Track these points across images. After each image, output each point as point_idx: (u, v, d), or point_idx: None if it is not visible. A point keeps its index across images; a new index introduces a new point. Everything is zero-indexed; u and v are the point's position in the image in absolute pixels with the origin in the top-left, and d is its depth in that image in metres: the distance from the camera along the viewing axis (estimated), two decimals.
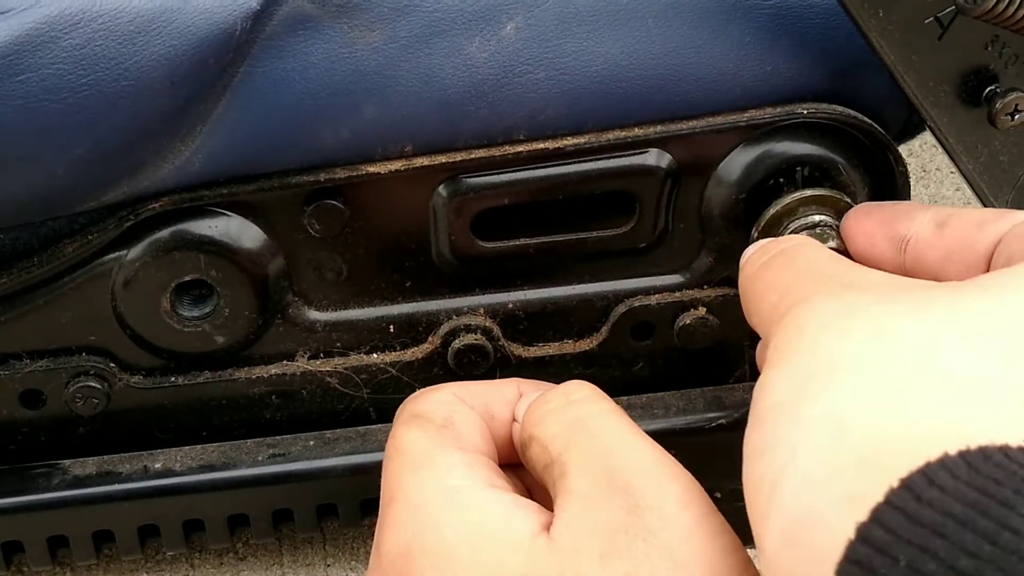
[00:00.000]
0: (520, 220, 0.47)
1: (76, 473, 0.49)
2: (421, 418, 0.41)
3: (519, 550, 0.36)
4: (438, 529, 0.37)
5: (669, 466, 0.37)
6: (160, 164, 0.43)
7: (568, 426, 0.39)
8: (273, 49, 0.42)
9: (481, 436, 0.41)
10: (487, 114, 0.44)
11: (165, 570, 0.54)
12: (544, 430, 0.39)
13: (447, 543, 0.36)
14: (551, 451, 0.38)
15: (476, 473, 0.38)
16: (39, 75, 0.39)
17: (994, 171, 0.44)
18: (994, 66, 0.42)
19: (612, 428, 0.38)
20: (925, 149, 0.77)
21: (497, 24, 0.43)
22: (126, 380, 0.48)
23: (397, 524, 0.38)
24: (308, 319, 0.48)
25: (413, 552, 0.37)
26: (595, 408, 0.39)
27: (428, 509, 0.37)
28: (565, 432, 0.39)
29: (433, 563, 0.36)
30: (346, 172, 0.44)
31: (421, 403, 0.42)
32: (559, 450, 0.38)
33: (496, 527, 0.36)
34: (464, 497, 0.38)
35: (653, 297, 0.49)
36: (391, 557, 0.37)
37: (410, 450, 0.40)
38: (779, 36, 0.44)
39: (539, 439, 0.39)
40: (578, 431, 0.38)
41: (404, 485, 0.39)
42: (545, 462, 0.39)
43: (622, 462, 0.37)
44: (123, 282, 0.45)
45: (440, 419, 0.40)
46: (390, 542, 0.38)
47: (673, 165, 0.45)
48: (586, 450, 0.38)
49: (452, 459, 0.39)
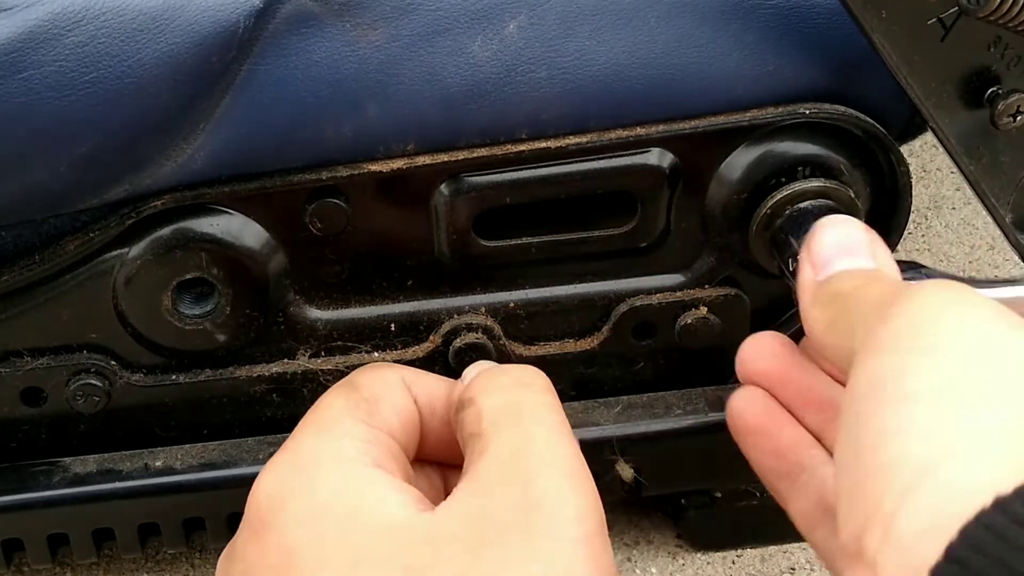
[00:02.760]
0: (522, 219, 0.47)
1: (77, 471, 0.49)
2: (350, 386, 0.41)
3: (392, 530, 0.35)
4: (313, 491, 0.37)
5: (580, 479, 0.36)
6: (162, 162, 0.43)
7: (506, 405, 0.39)
8: (276, 47, 0.42)
9: (401, 423, 0.41)
10: (489, 113, 0.44)
11: (165, 570, 0.54)
12: (485, 399, 0.39)
13: (319, 506, 0.36)
14: (482, 423, 0.38)
15: (368, 450, 0.38)
16: (41, 72, 0.39)
17: (995, 172, 0.44)
18: (996, 67, 0.42)
19: (544, 423, 0.38)
20: (925, 149, 0.77)
21: (499, 23, 0.43)
22: (127, 378, 0.48)
23: (278, 471, 0.38)
24: (309, 317, 0.48)
25: (284, 506, 0.37)
26: (538, 399, 0.39)
27: (311, 469, 0.38)
28: (501, 410, 0.39)
29: (300, 522, 0.36)
30: (348, 170, 0.44)
31: (362, 374, 0.42)
32: (488, 426, 0.38)
33: (374, 503, 0.36)
34: (348, 467, 0.37)
35: (654, 297, 0.49)
36: (262, 499, 0.37)
37: (323, 411, 0.40)
38: (781, 36, 0.44)
39: (477, 406, 0.39)
40: (512, 414, 0.38)
41: (300, 440, 0.39)
42: (473, 431, 0.38)
43: (537, 457, 0.36)
44: (124, 280, 0.45)
45: (367, 393, 0.41)
46: (266, 485, 0.38)
47: (675, 165, 0.45)
48: (511, 435, 0.37)
49: (353, 430, 0.39)
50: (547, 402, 0.39)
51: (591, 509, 0.36)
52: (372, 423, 0.40)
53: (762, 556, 0.54)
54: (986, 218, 0.70)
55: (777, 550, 0.54)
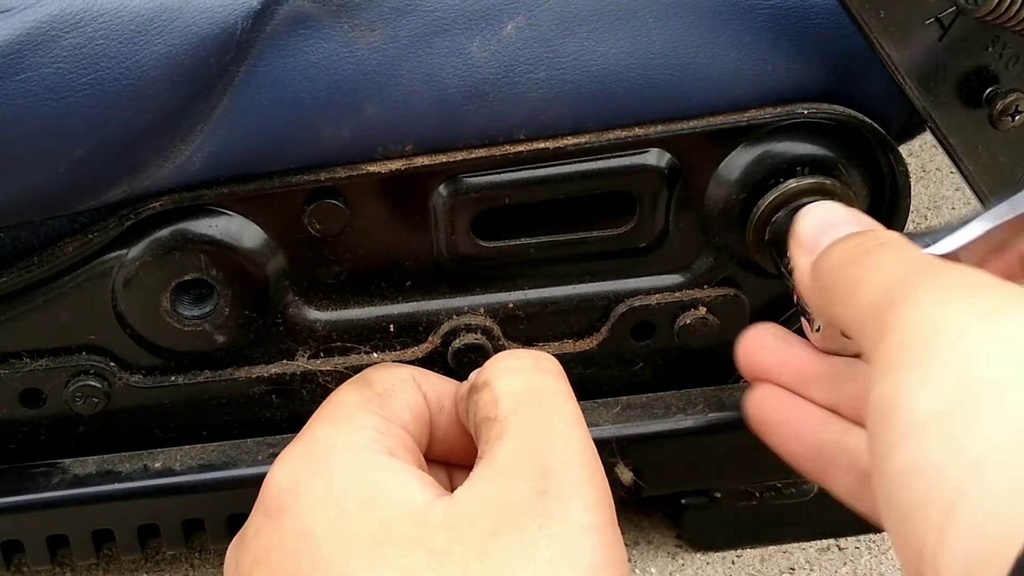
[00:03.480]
0: (520, 220, 0.47)
1: (76, 472, 0.49)
2: (364, 382, 0.42)
3: (411, 513, 0.36)
4: (329, 477, 0.37)
5: (594, 468, 0.37)
6: (161, 163, 0.43)
7: (525, 389, 0.39)
8: (274, 48, 0.42)
9: (413, 417, 0.41)
10: (487, 114, 0.44)
11: (165, 570, 0.54)
12: (503, 383, 0.40)
13: (335, 493, 0.37)
14: (499, 408, 0.39)
15: (382, 440, 0.39)
16: (40, 74, 0.39)
17: (994, 172, 0.44)
18: (995, 67, 0.42)
19: (562, 412, 0.39)
20: (925, 149, 0.77)
21: (498, 24, 0.43)
22: (126, 379, 0.48)
23: (294, 459, 0.39)
24: (308, 318, 0.48)
25: (300, 491, 0.37)
26: (556, 385, 0.40)
27: (326, 457, 0.38)
28: (520, 395, 0.39)
29: (318, 507, 0.37)
30: (346, 171, 0.44)
31: (375, 371, 0.43)
32: (506, 412, 0.39)
33: (389, 489, 0.37)
34: (363, 455, 0.38)
35: (653, 297, 0.49)
36: (277, 486, 0.38)
37: (337, 405, 0.41)
38: (780, 36, 0.44)
39: (494, 389, 0.40)
40: (531, 399, 0.39)
41: (315, 430, 0.40)
42: (488, 415, 0.39)
43: (554, 445, 0.37)
44: (123, 281, 0.45)
45: (380, 388, 0.41)
46: (280, 474, 0.38)
47: (674, 165, 0.45)
48: (530, 421, 0.38)
49: (367, 421, 0.40)
50: (563, 390, 0.40)
51: (603, 499, 0.36)
52: (385, 416, 0.40)
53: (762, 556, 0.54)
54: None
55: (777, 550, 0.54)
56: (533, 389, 0.40)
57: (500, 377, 0.40)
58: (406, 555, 0.35)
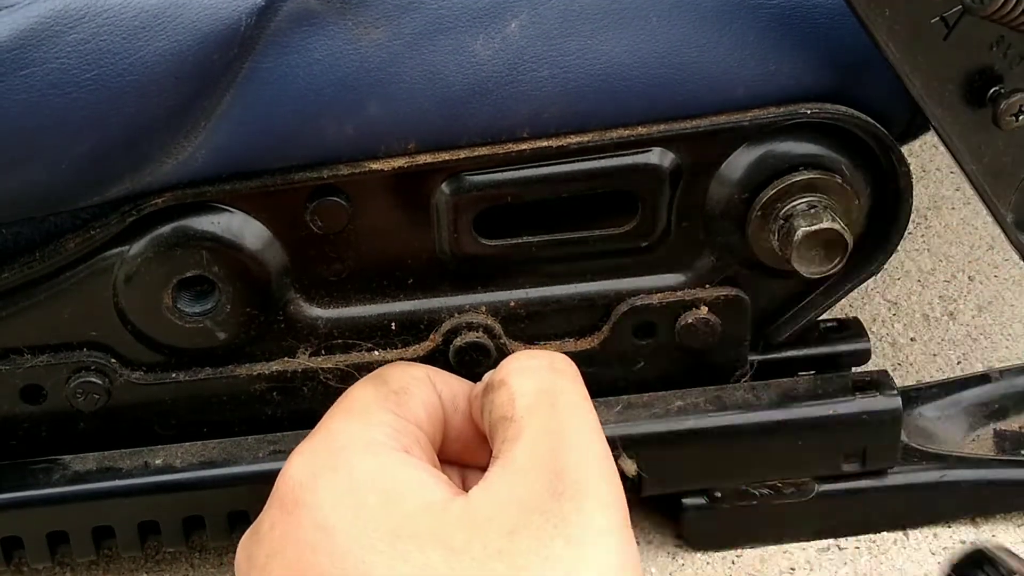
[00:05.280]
0: (523, 218, 0.47)
1: (76, 469, 0.48)
2: (379, 379, 0.43)
3: (430, 510, 0.36)
4: (349, 471, 0.38)
5: (608, 470, 0.38)
6: (163, 160, 0.43)
7: (541, 390, 0.40)
8: (277, 45, 0.42)
9: (427, 416, 0.42)
10: (490, 112, 0.44)
11: (165, 569, 0.54)
12: (519, 382, 0.40)
13: (356, 486, 0.37)
14: (516, 407, 0.39)
15: (398, 437, 0.40)
16: (43, 70, 0.39)
17: (997, 172, 0.44)
18: (999, 67, 0.42)
19: (577, 412, 0.39)
20: (925, 149, 0.77)
21: (501, 22, 0.43)
22: (127, 376, 0.48)
23: (311, 453, 0.39)
24: (310, 316, 0.48)
25: (318, 485, 0.38)
26: (571, 386, 0.41)
27: (344, 451, 0.39)
28: (536, 395, 0.40)
29: (336, 500, 0.37)
30: (349, 169, 0.44)
31: (390, 369, 0.44)
32: (522, 412, 0.39)
33: (409, 485, 0.37)
34: (380, 451, 0.39)
35: (655, 296, 0.49)
36: (294, 479, 0.38)
37: (354, 400, 0.42)
38: (783, 35, 0.44)
39: (511, 388, 0.40)
40: (547, 400, 0.39)
41: (331, 426, 0.40)
42: (504, 414, 0.39)
43: (569, 447, 0.38)
44: (125, 278, 0.45)
45: (396, 386, 0.42)
46: (298, 468, 0.39)
47: (676, 164, 0.45)
48: (546, 422, 0.38)
49: (384, 418, 0.40)
50: (578, 391, 0.41)
51: (617, 502, 0.37)
52: (401, 413, 0.41)
53: (762, 556, 0.54)
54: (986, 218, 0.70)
55: (777, 550, 0.54)
56: (549, 389, 0.40)
57: (517, 377, 0.40)
58: (424, 551, 0.35)
